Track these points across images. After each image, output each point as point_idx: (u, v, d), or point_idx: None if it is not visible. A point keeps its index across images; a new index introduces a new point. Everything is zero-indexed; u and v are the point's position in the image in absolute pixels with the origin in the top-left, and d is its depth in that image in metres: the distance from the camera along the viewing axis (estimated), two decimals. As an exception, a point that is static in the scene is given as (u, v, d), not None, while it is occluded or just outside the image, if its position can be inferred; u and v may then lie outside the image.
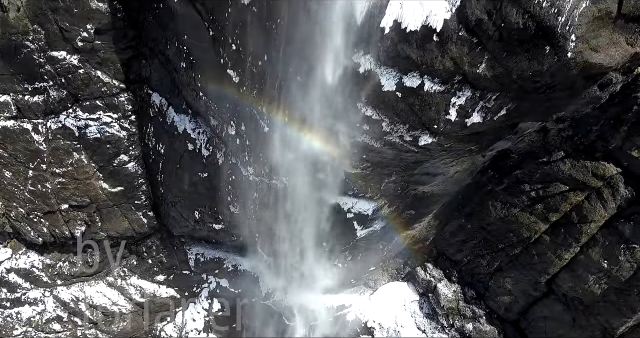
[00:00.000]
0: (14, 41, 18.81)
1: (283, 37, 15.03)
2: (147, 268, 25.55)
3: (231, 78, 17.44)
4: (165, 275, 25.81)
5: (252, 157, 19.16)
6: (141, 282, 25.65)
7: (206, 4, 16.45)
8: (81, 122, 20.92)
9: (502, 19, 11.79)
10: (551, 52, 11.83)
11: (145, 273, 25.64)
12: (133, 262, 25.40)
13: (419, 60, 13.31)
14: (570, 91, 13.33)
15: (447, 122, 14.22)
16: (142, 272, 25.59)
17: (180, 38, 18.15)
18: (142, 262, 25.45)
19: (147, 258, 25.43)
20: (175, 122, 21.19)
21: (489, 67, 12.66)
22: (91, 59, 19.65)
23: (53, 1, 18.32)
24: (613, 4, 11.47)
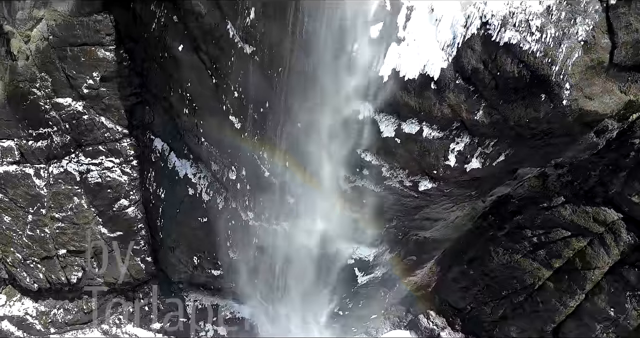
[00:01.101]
0: (21, 88, 19.25)
1: (284, 85, 15.40)
2: (143, 316, 24.96)
3: (233, 124, 17.72)
4: (162, 323, 25.17)
5: (252, 201, 19.16)
6: (137, 330, 24.98)
7: (210, 53, 16.96)
8: (83, 166, 21.06)
9: (497, 68, 12.12)
10: (547, 99, 12.08)
11: (141, 321, 25.01)
12: (129, 309, 24.84)
13: (417, 107, 13.57)
14: (568, 137, 13.50)
15: (446, 167, 14.32)
16: (137, 319, 24.97)
17: (184, 85, 18.58)
18: (138, 309, 24.89)
19: (143, 306, 24.89)
20: (176, 167, 21.33)
21: (486, 114, 12.89)
22: (96, 105, 20.04)
23: (61, 50, 18.88)
24: (605, 54, 11.83)
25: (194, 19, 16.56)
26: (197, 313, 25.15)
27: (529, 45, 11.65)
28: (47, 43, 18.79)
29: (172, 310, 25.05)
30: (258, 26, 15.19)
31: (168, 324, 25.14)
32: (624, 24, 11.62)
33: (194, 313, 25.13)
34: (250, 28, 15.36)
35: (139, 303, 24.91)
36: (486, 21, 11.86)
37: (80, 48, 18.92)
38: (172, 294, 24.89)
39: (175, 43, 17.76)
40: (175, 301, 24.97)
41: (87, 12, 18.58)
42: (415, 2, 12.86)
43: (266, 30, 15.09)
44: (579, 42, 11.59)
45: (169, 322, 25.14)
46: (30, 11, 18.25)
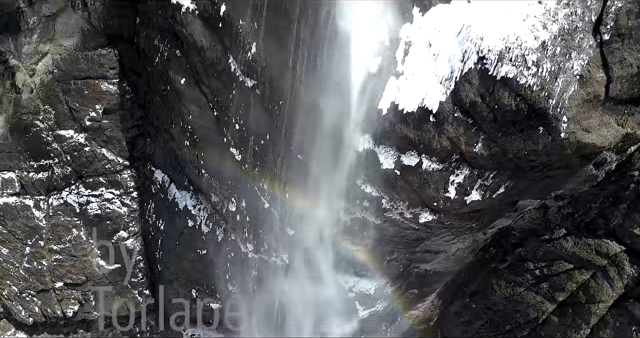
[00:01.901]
0: (25, 120, 19.46)
1: (285, 117, 15.57)
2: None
3: (233, 156, 17.81)
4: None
5: (252, 233, 19.05)
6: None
7: (212, 87, 17.21)
8: (83, 198, 21.05)
9: (495, 101, 12.27)
10: (545, 132, 12.18)
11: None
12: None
13: (416, 139, 13.67)
14: (567, 170, 13.54)
15: (446, 199, 14.30)
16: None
17: (186, 118, 18.78)
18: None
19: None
20: (176, 198, 21.31)
21: (485, 146, 12.97)
22: (97, 137, 20.20)
23: (65, 83, 19.19)
24: (600, 88, 12.00)
25: (196, 53, 16.89)
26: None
27: (525, 79, 11.83)
28: (52, 76, 19.11)
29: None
30: (259, 60, 15.48)
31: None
32: (618, 59, 11.83)
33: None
34: (251, 62, 15.65)
35: (135, 337, 24.43)
36: (483, 56, 12.09)
37: (84, 81, 19.23)
38: (170, 330, 24.41)
39: (177, 76, 18.05)
40: (173, 336, 24.48)
41: (92, 46, 18.98)
42: (414, 37, 13.14)
43: (267, 64, 15.37)
44: (575, 76, 11.78)
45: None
46: (37, 46, 18.64)
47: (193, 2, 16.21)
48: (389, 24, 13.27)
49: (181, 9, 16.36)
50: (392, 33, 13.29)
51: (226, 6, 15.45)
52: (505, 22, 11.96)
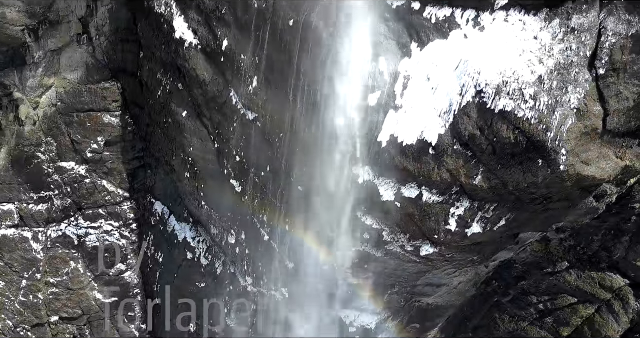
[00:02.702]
0: (26, 152, 19.58)
1: (285, 149, 15.66)
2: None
3: (233, 187, 17.82)
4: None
5: (251, 266, 18.86)
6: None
7: (213, 119, 17.40)
8: (82, 230, 20.96)
9: (493, 134, 12.36)
10: (544, 164, 12.22)
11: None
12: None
13: (416, 171, 13.71)
14: (567, 202, 13.52)
15: (447, 232, 14.22)
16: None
17: (186, 149, 18.89)
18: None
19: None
20: (175, 230, 21.20)
21: (484, 178, 12.99)
22: (98, 169, 20.29)
23: (68, 116, 19.42)
24: (598, 120, 12.10)
25: (198, 86, 17.15)
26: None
27: (523, 112, 11.95)
28: (55, 109, 19.36)
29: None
30: (260, 94, 15.71)
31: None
32: (614, 93, 11.99)
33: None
34: (252, 95, 15.87)
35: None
36: (480, 90, 12.25)
37: (87, 114, 19.47)
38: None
39: (179, 109, 18.27)
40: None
41: (95, 79, 19.30)
42: (412, 71, 13.36)
43: (268, 97, 15.59)
44: (572, 110, 11.90)
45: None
46: (41, 79, 18.95)
47: (195, 37, 16.57)
48: (388, 59, 13.52)
49: (184, 43, 16.71)
50: (391, 67, 13.53)
51: (228, 41, 15.79)
52: (501, 57, 12.19)
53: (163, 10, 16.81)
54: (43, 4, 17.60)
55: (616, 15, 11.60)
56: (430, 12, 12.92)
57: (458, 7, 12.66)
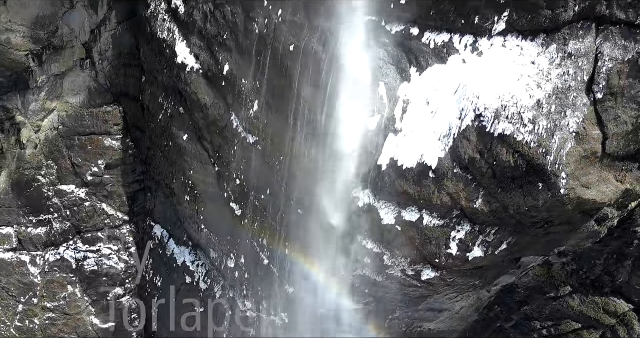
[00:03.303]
0: (27, 175, 19.60)
1: (285, 172, 15.68)
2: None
3: (233, 211, 17.78)
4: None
5: (250, 290, 18.65)
6: None
7: (213, 142, 17.47)
8: (80, 254, 20.82)
9: (493, 157, 12.39)
10: (544, 188, 12.20)
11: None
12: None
13: (416, 195, 13.69)
14: (568, 226, 13.45)
15: (448, 256, 14.11)
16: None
17: (187, 173, 18.91)
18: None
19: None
20: (174, 254, 21.06)
21: (485, 202, 12.96)
22: (98, 192, 20.27)
23: (69, 139, 19.51)
24: (597, 144, 12.13)
25: (199, 110, 17.28)
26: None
27: (522, 136, 12.00)
28: (57, 132, 19.46)
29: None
30: (261, 117, 15.82)
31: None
32: (612, 117, 12.06)
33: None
34: (253, 119, 15.98)
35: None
36: (480, 114, 12.34)
37: (88, 137, 19.58)
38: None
39: (180, 132, 18.37)
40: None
41: (97, 103, 19.47)
42: (412, 95, 13.49)
43: (269, 121, 15.70)
44: (571, 133, 11.95)
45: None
46: (44, 103, 19.11)
47: (197, 61, 16.78)
48: (387, 83, 13.66)
49: (186, 68, 16.91)
50: (390, 91, 13.67)
51: (229, 66, 15.98)
52: (500, 81, 12.31)
53: (166, 35, 17.08)
54: (48, 29, 17.90)
55: (612, 40, 11.76)
56: (429, 38, 13.11)
57: (456, 33, 12.86)
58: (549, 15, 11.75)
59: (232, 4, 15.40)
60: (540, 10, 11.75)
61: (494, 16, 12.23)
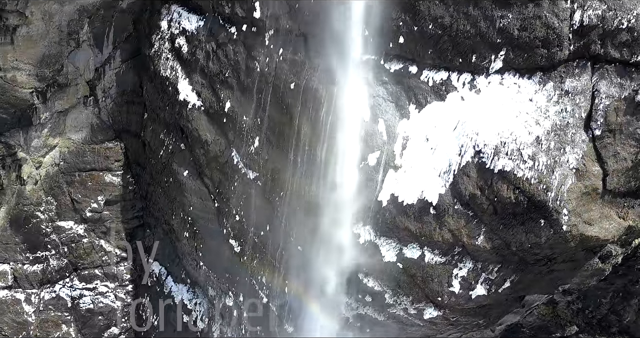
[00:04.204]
0: (26, 212, 19.54)
1: (285, 209, 15.63)
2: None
3: (232, 247, 17.63)
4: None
5: (249, 330, 18.25)
6: None
7: (213, 179, 17.50)
8: (76, 292, 20.51)
9: (494, 194, 12.37)
10: (546, 225, 12.12)
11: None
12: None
13: (417, 231, 13.59)
14: (572, 263, 13.28)
15: (451, 294, 13.87)
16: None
17: (186, 209, 18.87)
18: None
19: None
20: (172, 292, 20.74)
21: (487, 239, 12.85)
22: (97, 228, 20.17)
23: (70, 175, 19.56)
24: (597, 181, 12.13)
25: (200, 146, 17.41)
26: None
27: (522, 172, 12.01)
28: (57, 168, 19.53)
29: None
30: (262, 153, 15.91)
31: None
32: (611, 153, 12.10)
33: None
34: (254, 155, 16.07)
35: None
36: (479, 150, 12.39)
37: (89, 173, 19.64)
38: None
39: (180, 169, 18.44)
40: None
41: (99, 140, 19.63)
42: (411, 132, 13.60)
43: (269, 157, 15.78)
44: (571, 170, 11.97)
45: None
46: (46, 139, 19.26)
47: (199, 99, 17.03)
48: (387, 120, 13.81)
49: (188, 105, 17.14)
50: (390, 128, 13.80)
51: (231, 103, 16.20)
52: (499, 118, 12.43)
53: (169, 73, 17.40)
54: (53, 68, 18.24)
55: (608, 78, 11.95)
56: (427, 76, 13.34)
57: (454, 71, 13.09)
58: (544, 54, 11.98)
59: (234, 43, 15.77)
60: (536, 49, 12.00)
61: (491, 55, 12.49)
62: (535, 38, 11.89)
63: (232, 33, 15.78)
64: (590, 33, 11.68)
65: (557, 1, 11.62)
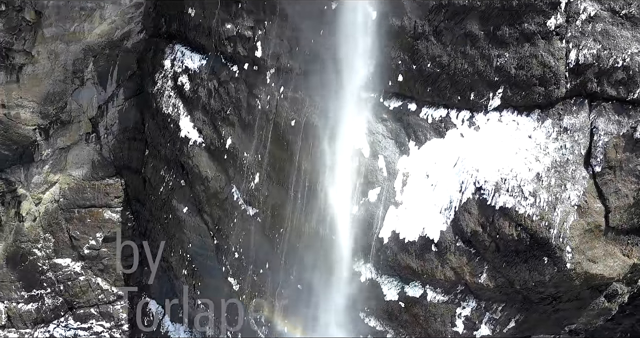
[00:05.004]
0: (23, 249, 19.32)
1: (285, 246, 15.47)
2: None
3: (231, 286, 17.35)
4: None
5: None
6: None
7: (213, 215, 17.40)
8: (70, 331, 20.02)
9: (496, 231, 12.25)
10: (550, 262, 11.94)
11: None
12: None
13: (419, 269, 13.39)
14: (578, 302, 13.00)
15: (454, 334, 13.52)
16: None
17: (185, 246, 18.68)
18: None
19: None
20: (169, 332, 20.25)
21: (490, 277, 12.64)
22: (94, 266, 19.90)
23: (69, 212, 19.45)
24: (600, 217, 12.03)
25: (200, 183, 17.40)
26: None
27: (524, 209, 11.94)
28: (57, 205, 19.44)
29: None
30: (262, 190, 15.88)
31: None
32: (613, 190, 12.05)
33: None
34: (254, 191, 16.04)
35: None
36: (480, 187, 12.37)
37: (88, 210, 19.54)
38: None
39: (180, 205, 18.36)
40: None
41: (100, 176, 19.64)
42: (411, 169, 13.61)
43: (269, 193, 15.74)
44: (573, 206, 11.89)
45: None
46: (47, 176, 19.27)
47: (200, 135, 17.15)
48: (387, 156, 13.85)
49: (189, 142, 17.25)
50: (390, 165, 13.82)
51: (232, 140, 16.31)
52: (499, 155, 12.47)
53: (171, 111, 17.60)
54: (57, 105, 18.47)
55: (606, 115, 12.04)
56: (427, 113, 13.48)
57: (453, 108, 13.23)
58: (542, 92, 12.14)
59: (236, 81, 16.04)
60: (534, 87, 12.17)
61: (489, 93, 12.65)
62: (532, 76, 12.07)
63: (234, 71, 16.07)
64: (586, 71, 11.87)
65: (553, 41, 11.87)
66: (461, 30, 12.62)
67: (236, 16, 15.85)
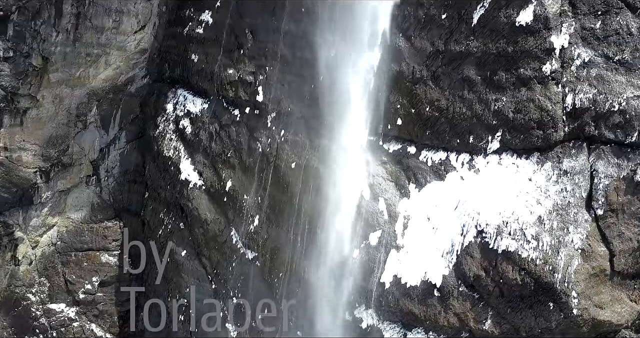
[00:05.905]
0: (17, 293, 18.94)
1: (284, 290, 15.28)
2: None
3: (229, 332, 16.95)
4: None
5: None
6: None
7: (211, 259, 17.18)
8: (61, 381, 19.27)
9: (499, 275, 12.02)
10: (556, 308, 11.64)
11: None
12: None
13: (422, 315, 13.05)
14: (587, 350, 12.58)
15: (460, 385, 13.01)
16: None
17: (183, 291, 18.34)
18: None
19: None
20: (163, 382, 19.50)
21: (495, 323, 12.28)
22: (89, 311, 19.46)
23: (66, 255, 19.22)
24: (604, 262, 11.81)
25: (199, 225, 17.28)
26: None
27: (527, 252, 11.76)
28: (54, 248, 19.24)
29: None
30: (261, 232, 15.75)
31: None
32: (616, 233, 11.89)
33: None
34: (253, 234, 15.90)
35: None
36: (482, 230, 12.24)
37: (85, 253, 19.34)
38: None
39: (179, 248, 18.17)
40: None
41: (98, 219, 19.54)
42: (412, 211, 13.53)
43: (269, 236, 15.61)
44: (577, 250, 11.71)
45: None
46: (45, 218, 19.16)
47: (201, 178, 17.19)
48: (387, 199, 13.81)
49: (189, 184, 17.27)
50: (390, 207, 13.75)
51: (232, 182, 16.33)
52: (499, 198, 12.41)
53: (172, 153, 17.72)
54: (59, 148, 18.62)
55: (605, 159, 12.05)
56: (426, 156, 13.54)
57: (452, 151, 13.30)
58: (540, 135, 12.23)
59: (237, 124, 16.23)
60: (532, 130, 12.27)
61: (488, 136, 12.75)
62: (530, 120, 12.20)
63: (235, 115, 16.30)
64: (583, 115, 11.99)
65: (549, 85, 12.07)
66: (458, 75, 12.87)
67: (238, 62, 16.25)
